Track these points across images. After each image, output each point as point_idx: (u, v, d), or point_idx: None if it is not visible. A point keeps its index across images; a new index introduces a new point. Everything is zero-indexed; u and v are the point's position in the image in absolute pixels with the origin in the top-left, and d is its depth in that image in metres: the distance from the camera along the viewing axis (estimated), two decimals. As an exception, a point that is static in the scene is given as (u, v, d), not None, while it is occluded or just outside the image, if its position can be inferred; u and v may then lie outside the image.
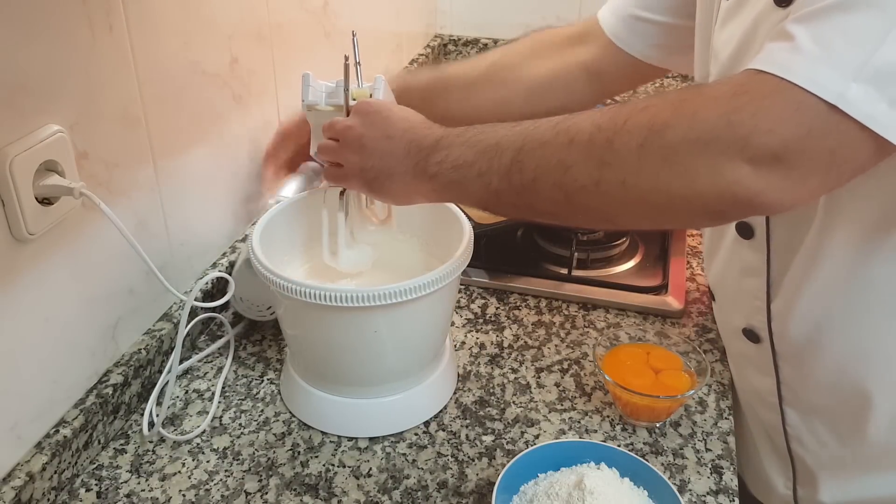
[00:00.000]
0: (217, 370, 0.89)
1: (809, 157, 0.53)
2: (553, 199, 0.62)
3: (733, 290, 0.82)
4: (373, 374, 0.80)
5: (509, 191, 0.63)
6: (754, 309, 0.78)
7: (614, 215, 0.62)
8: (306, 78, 0.83)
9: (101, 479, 0.76)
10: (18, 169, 0.65)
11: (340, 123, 0.74)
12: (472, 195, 0.67)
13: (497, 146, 0.64)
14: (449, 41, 1.87)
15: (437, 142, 0.68)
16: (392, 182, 0.71)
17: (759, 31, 0.65)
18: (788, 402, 0.81)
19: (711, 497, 0.73)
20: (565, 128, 0.61)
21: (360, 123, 0.72)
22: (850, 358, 0.73)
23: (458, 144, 0.66)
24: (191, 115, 0.91)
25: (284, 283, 0.72)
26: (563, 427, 0.81)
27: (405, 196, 0.72)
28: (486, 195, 0.65)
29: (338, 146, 0.74)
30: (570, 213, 0.62)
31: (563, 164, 0.60)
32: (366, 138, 0.71)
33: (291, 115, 0.99)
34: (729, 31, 0.70)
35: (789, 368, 0.79)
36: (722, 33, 0.71)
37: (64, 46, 0.69)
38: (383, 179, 0.71)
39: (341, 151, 0.73)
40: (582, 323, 0.97)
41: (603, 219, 0.65)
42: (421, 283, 0.71)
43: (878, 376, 0.73)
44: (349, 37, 0.77)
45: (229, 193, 1.04)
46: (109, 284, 0.80)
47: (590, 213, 0.62)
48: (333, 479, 0.76)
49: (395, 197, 0.73)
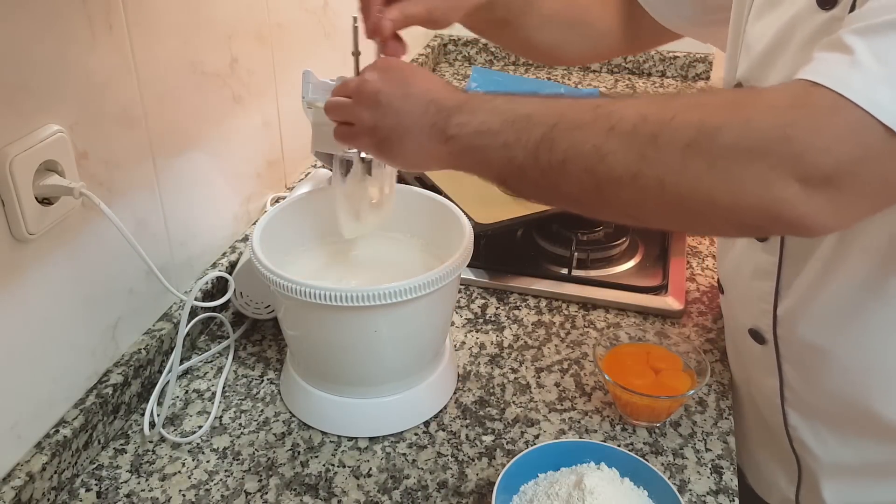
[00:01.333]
0: (217, 370, 0.89)
1: (862, 182, 0.50)
2: (582, 185, 0.57)
3: (743, 289, 0.81)
4: (373, 373, 0.80)
5: (534, 168, 0.59)
6: (761, 311, 0.78)
7: (644, 213, 0.58)
8: (307, 75, 0.83)
9: (101, 479, 0.76)
10: (18, 169, 0.65)
11: (356, 80, 0.68)
12: (491, 166, 0.62)
13: (528, 118, 0.59)
14: (449, 41, 1.87)
15: (460, 104, 0.63)
16: (404, 143, 0.65)
17: (797, 31, 0.63)
18: (791, 403, 0.80)
19: (711, 497, 0.73)
20: (606, 112, 0.56)
21: (378, 78, 0.66)
22: (856, 368, 0.72)
23: (485, 110, 0.61)
24: (191, 115, 0.91)
25: (285, 282, 0.72)
26: (563, 427, 0.81)
27: (417, 159, 0.67)
28: (508, 168, 0.60)
29: (350, 103, 0.68)
30: (598, 202, 0.59)
31: (599, 150, 0.55)
32: (382, 94, 0.65)
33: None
34: (763, 25, 0.68)
35: (793, 372, 0.78)
36: (755, 26, 0.70)
37: (64, 46, 0.69)
38: (395, 139, 0.65)
39: (353, 108, 0.67)
40: (582, 323, 0.97)
41: (631, 214, 0.60)
42: (421, 283, 0.71)
43: (885, 389, 0.72)
44: (349, 37, 0.76)
45: (229, 193, 1.04)
46: (109, 284, 0.80)
47: (619, 206, 0.58)
48: (333, 479, 0.76)
49: (405, 159, 0.68)
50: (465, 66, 1.85)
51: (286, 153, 1.18)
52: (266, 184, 1.13)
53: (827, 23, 0.61)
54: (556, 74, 1.76)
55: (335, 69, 0.80)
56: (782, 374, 0.79)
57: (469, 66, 1.85)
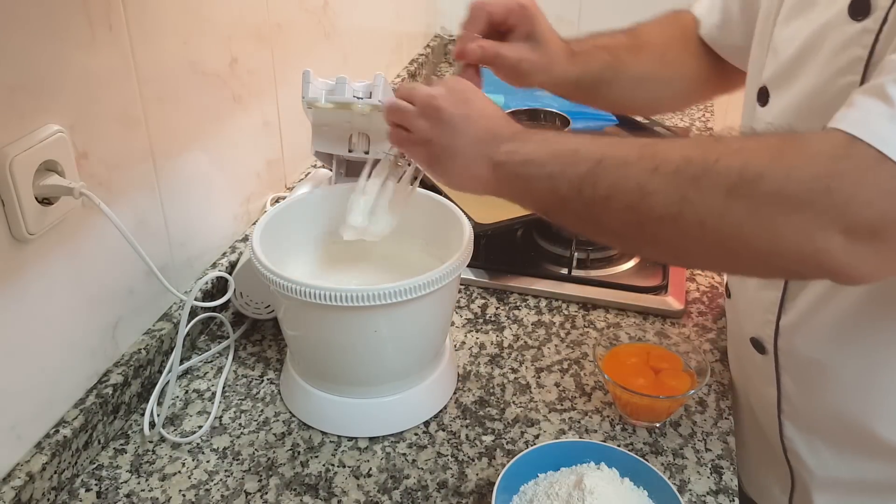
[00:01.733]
0: (217, 370, 0.89)
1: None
2: (624, 222, 0.59)
3: (748, 297, 0.81)
4: (373, 373, 0.80)
5: (577, 200, 0.60)
6: (765, 321, 0.77)
7: (685, 252, 0.60)
8: (307, 75, 0.83)
9: (101, 479, 0.76)
10: (18, 169, 0.65)
11: (424, 91, 0.69)
12: (535, 196, 0.64)
13: (574, 153, 0.61)
14: (449, 41, 1.87)
15: (513, 134, 0.65)
16: (454, 162, 0.67)
17: (827, 39, 0.63)
18: (788, 415, 0.80)
19: (711, 497, 0.73)
20: (651, 152, 0.58)
21: (445, 96, 0.68)
22: (855, 386, 0.72)
23: (534, 142, 0.64)
24: (191, 115, 0.91)
25: (285, 282, 0.72)
26: (563, 427, 0.81)
27: (462, 179, 0.68)
28: (551, 199, 0.62)
29: (413, 111, 0.69)
30: (640, 239, 0.60)
31: (643, 189, 0.57)
32: (445, 112, 0.67)
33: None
34: (792, 30, 0.68)
35: (792, 384, 0.78)
36: (784, 30, 0.69)
37: (64, 46, 0.69)
38: (446, 157, 0.67)
39: (415, 117, 0.69)
40: (582, 323, 0.97)
41: (672, 253, 0.62)
42: (421, 283, 0.71)
43: (883, 408, 0.71)
44: (349, 37, 0.76)
45: (229, 193, 1.04)
46: (109, 284, 0.80)
47: (660, 244, 0.60)
48: (333, 479, 0.76)
49: (451, 177, 0.69)
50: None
51: (286, 153, 1.18)
52: (266, 184, 1.13)
53: (858, 34, 0.61)
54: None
55: (335, 69, 0.80)
56: (781, 386, 0.79)
57: (469, 66, 1.85)
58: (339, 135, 0.90)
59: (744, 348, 0.83)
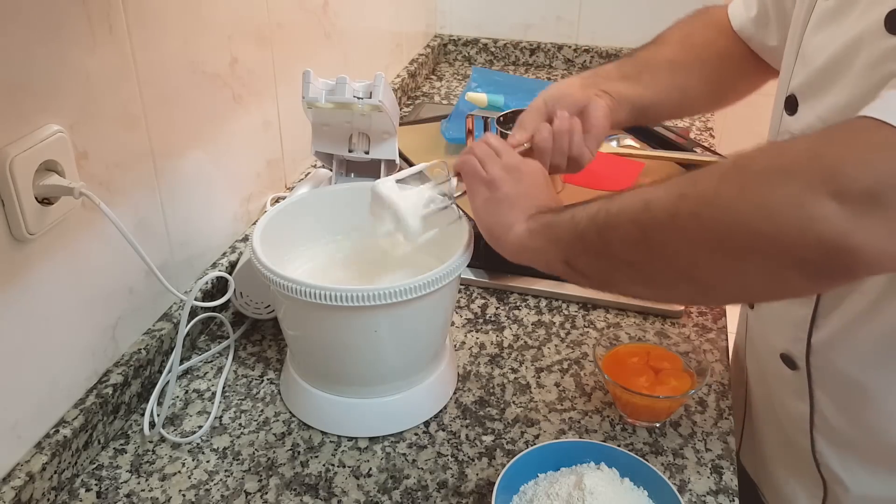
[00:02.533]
0: (217, 370, 0.89)
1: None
2: (630, 238, 0.60)
3: (777, 313, 0.80)
4: (373, 374, 0.80)
5: (591, 229, 0.63)
6: (795, 337, 0.77)
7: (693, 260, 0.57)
8: (307, 75, 0.83)
9: (101, 479, 0.76)
10: (18, 169, 0.65)
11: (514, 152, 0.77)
12: (560, 240, 0.66)
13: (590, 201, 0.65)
14: (449, 41, 1.87)
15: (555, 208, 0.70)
16: (500, 207, 0.72)
17: (862, 53, 0.61)
18: (820, 430, 0.79)
19: (711, 497, 0.73)
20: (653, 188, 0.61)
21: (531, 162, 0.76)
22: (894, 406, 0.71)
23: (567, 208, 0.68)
24: (191, 115, 0.91)
25: (285, 282, 0.72)
26: (563, 427, 0.81)
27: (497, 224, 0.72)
28: (572, 237, 0.65)
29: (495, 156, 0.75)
30: (648, 255, 0.59)
31: (645, 200, 0.59)
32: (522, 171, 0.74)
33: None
34: (823, 38, 0.66)
35: (826, 400, 0.77)
36: (814, 37, 0.68)
37: (64, 46, 0.69)
38: (495, 200, 0.72)
39: (494, 160, 0.74)
40: (582, 323, 0.97)
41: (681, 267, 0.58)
42: (421, 283, 0.71)
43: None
44: (349, 37, 0.76)
45: (229, 193, 1.04)
46: (109, 284, 0.80)
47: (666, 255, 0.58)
48: (333, 479, 0.76)
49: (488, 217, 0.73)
50: (466, 66, 1.85)
51: (286, 153, 1.18)
52: (266, 184, 1.13)
53: (894, 49, 0.58)
54: (556, 75, 1.76)
55: (335, 69, 0.80)
56: (814, 401, 0.78)
57: (469, 66, 1.85)
58: (340, 135, 0.90)
59: (772, 363, 0.82)
